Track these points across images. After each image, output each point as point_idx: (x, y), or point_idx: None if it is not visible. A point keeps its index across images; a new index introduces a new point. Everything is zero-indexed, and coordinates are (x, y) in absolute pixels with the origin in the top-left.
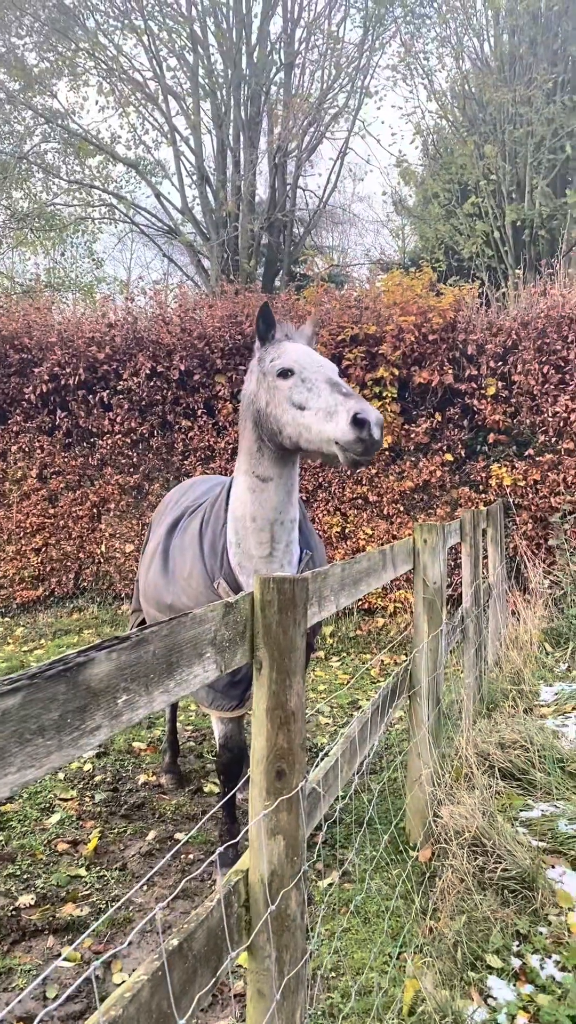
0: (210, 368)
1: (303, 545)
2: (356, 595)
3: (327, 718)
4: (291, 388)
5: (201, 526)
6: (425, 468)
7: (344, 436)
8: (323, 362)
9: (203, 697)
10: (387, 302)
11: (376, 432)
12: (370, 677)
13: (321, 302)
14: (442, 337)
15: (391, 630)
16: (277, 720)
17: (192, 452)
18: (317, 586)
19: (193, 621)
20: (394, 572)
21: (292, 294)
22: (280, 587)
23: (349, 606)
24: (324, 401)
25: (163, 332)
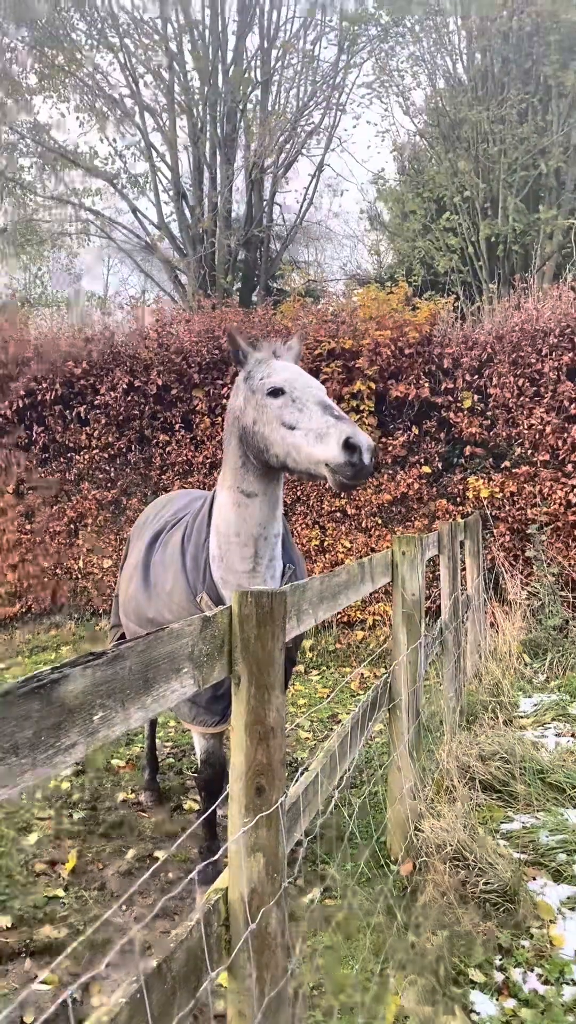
0: (187, 382)
1: (285, 560)
2: (335, 608)
3: (307, 732)
4: (281, 407)
5: (183, 540)
6: (403, 481)
7: (335, 459)
8: (313, 383)
9: (185, 713)
10: (363, 316)
11: (367, 457)
12: (350, 691)
13: (298, 317)
14: (418, 351)
15: (371, 643)
16: (256, 735)
17: (170, 467)
18: (296, 600)
19: (170, 636)
20: (373, 585)
21: (269, 309)
22: (258, 601)
23: (328, 619)
24: (315, 422)
25: (140, 347)
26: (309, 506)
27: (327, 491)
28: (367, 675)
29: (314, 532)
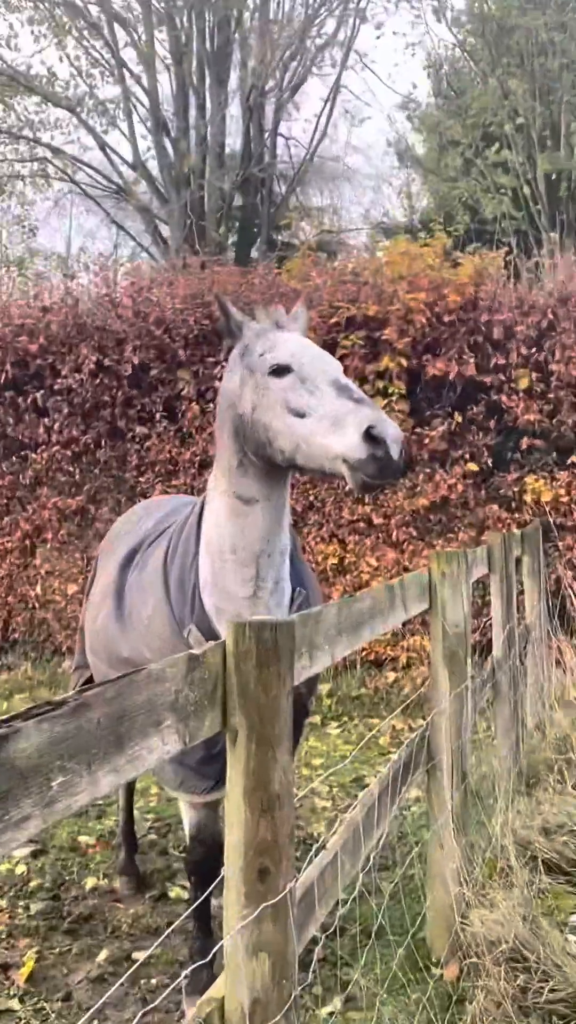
0: (171, 361)
1: (295, 582)
2: (357, 643)
3: (324, 800)
4: (287, 389)
5: (165, 559)
6: (443, 482)
7: (354, 453)
8: (327, 358)
9: (169, 777)
10: (392, 276)
11: (395, 450)
12: (378, 747)
13: (309, 277)
14: (461, 318)
15: (404, 687)
16: (258, 804)
17: (149, 467)
18: (307, 632)
19: (148, 680)
20: (405, 613)
21: (273, 267)
22: (259, 635)
23: (350, 657)
24: (330, 407)
25: (111, 317)
26: (324, 514)
27: (347, 494)
28: (400, 727)
29: (331, 547)
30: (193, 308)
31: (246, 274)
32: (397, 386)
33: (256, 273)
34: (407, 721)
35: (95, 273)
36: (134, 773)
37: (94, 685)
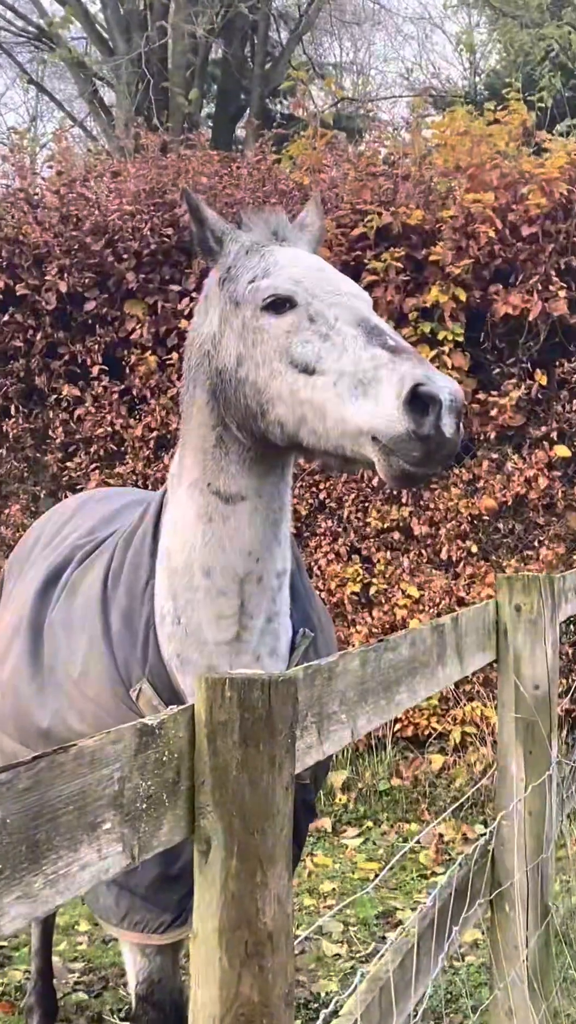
0: (116, 289)
1: (297, 619)
2: (389, 711)
3: (337, 943)
4: (290, 332)
5: (105, 583)
6: (518, 473)
7: (390, 427)
8: (347, 284)
9: (108, 906)
10: (445, 166)
11: (449, 424)
12: (417, 866)
13: (321, 167)
14: (547, 231)
15: (456, 776)
16: (240, 949)
17: (83, 445)
18: (315, 694)
19: (78, 762)
20: (460, 667)
21: (269, 151)
22: (244, 695)
23: (378, 732)
24: (352, 358)
25: (27, 223)
26: (341, 520)
27: (375, 489)
28: (450, 837)
29: (351, 568)
30: (149, 210)
31: (229, 161)
32: (451, 330)
33: (243, 160)
34: (461, 828)
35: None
36: (57, 900)
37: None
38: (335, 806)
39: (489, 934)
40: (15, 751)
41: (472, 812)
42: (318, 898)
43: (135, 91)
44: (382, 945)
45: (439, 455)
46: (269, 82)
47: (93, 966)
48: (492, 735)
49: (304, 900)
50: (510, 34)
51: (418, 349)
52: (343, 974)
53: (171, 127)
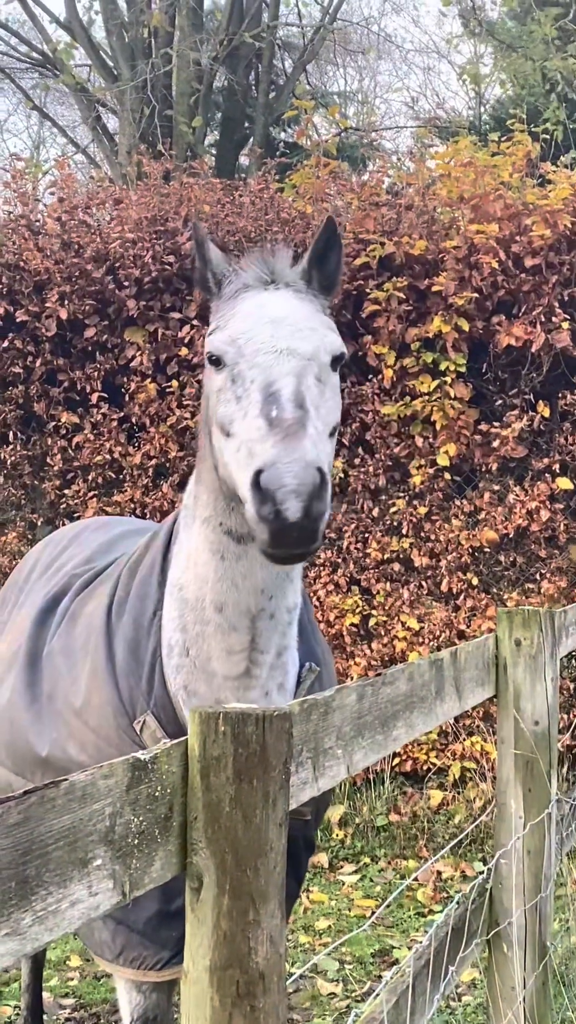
0: (117, 316)
1: (304, 653)
2: (387, 746)
3: (332, 982)
4: (220, 391)
5: (109, 612)
6: (519, 505)
7: (247, 509)
8: (286, 340)
9: (104, 942)
10: (449, 196)
11: (291, 508)
12: (415, 904)
13: (324, 196)
14: (551, 262)
15: (455, 813)
16: (232, 989)
17: (81, 472)
18: (311, 729)
19: (69, 796)
20: (459, 702)
21: (272, 180)
22: (238, 730)
23: (376, 767)
24: (245, 425)
25: (28, 248)
26: (341, 550)
27: (375, 520)
28: (448, 875)
29: (350, 600)
30: (151, 238)
31: (232, 189)
32: (453, 360)
33: (246, 189)
34: (459, 865)
35: (5, 184)
36: (46, 938)
37: None
38: (332, 841)
39: (487, 974)
40: (9, 782)
41: (471, 849)
42: (313, 935)
43: (139, 118)
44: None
45: (287, 539)
46: (273, 111)
47: (84, 1002)
48: (492, 771)
49: (299, 937)
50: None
51: (420, 379)
52: (338, 1013)
53: (174, 155)
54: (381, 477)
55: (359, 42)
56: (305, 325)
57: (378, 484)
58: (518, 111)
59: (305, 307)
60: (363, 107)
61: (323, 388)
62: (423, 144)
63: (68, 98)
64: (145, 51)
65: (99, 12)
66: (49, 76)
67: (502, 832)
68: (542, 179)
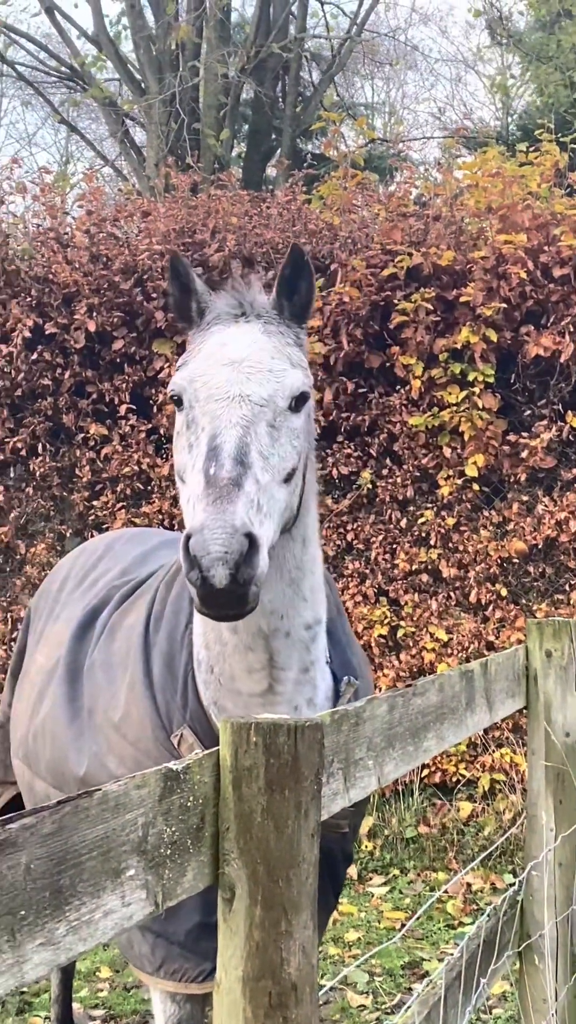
0: (145, 328)
1: (339, 667)
2: (417, 757)
3: (362, 994)
4: (179, 434)
5: (147, 626)
6: (548, 515)
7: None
8: (238, 384)
9: (143, 954)
10: (476, 206)
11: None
12: (445, 916)
13: (352, 207)
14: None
15: (485, 825)
16: (264, 1000)
17: (109, 484)
18: (342, 740)
19: (102, 807)
20: (489, 714)
21: (299, 191)
22: (270, 741)
23: (405, 778)
24: (192, 478)
25: (57, 261)
26: (369, 561)
27: (403, 531)
28: (478, 887)
29: (378, 611)
30: (179, 250)
31: (259, 201)
32: (481, 371)
33: (273, 200)
34: (489, 878)
35: (34, 197)
36: (79, 948)
37: (24, 812)
38: (361, 853)
39: (518, 986)
40: (47, 794)
41: (501, 861)
42: (343, 947)
43: (166, 131)
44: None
45: (216, 603)
46: (300, 122)
47: (114, 1013)
48: (522, 782)
49: (329, 949)
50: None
51: (448, 390)
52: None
53: (202, 167)
54: (409, 488)
55: (386, 53)
56: (264, 367)
57: (406, 495)
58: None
59: (272, 343)
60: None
61: (277, 434)
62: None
63: (96, 112)
64: (172, 64)
65: (127, 26)
66: (77, 90)
67: (533, 844)
68: (570, 189)
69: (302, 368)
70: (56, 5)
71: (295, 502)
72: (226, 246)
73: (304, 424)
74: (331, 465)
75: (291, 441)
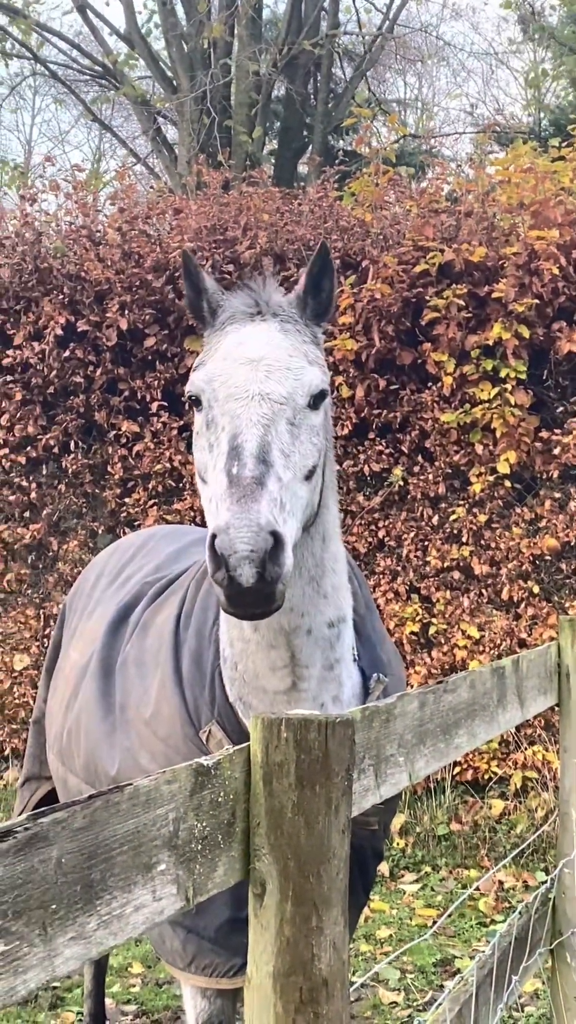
0: (177, 325)
1: (368, 664)
2: (448, 754)
3: (393, 991)
4: (198, 434)
5: (178, 623)
6: None
7: (207, 566)
8: (257, 383)
9: (175, 949)
10: (508, 201)
11: (244, 574)
12: (477, 914)
13: (383, 203)
14: None
15: (517, 823)
16: (295, 996)
17: (141, 481)
18: (373, 736)
19: (133, 801)
20: (521, 711)
21: (330, 188)
22: (301, 736)
23: (436, 775)
24: (214, 477)
25: (89, 258)
26: (400, 558)
27: (435, 528)
28: (510, 885)
29: (410, 608)
30: (211, 247)
31: (291, 198)
32: (513, 367)
33: (305, 197)
34: (521, 875)
35: (67, 195)
36: (110, 942)
37: (56, 807)
38: (393, 851)
39: (550, 984)
40: (80, 790)
41: (533, 859)
42: (374, 944)
43: (198, 129)
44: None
45: (243, 602)
46: (332, 119)
47: (146, 1009)
48: (554, 780)
49: (360, 946)
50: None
51: (480, 387)
52: (399, 1023)
53: (233, 164)
54: (441, 485)
55: (418, 49)
56: (283, 364)
57: (438, 492)
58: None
59: (289, 341)
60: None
61: (297, 432)
62: (482, 150)
63: (128, 110)
64: (204, 62)
65: (159, 24)
66: (109, 88)
67: (565, 842)
68: None
69: (320, 365)
70: (88, 3)
71: (315, 499)
72: (257, 243)
73: (323, 421)
74: (363, 462)
75: (311, 438)
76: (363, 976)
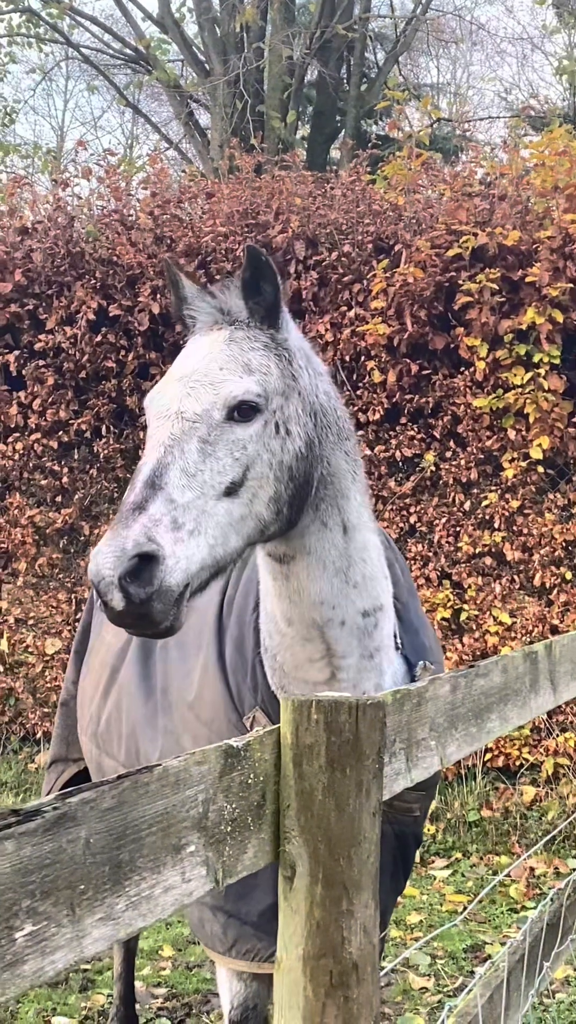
0: None
1: (411, 650)
2: (480, 738)
3: (424, 976)
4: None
5: (221, 608)
6: None
7: None
8: (178, 400)
9: (215, 933)
10: (542, 186)
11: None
12: (507, 900)
13: (416, 187)
14: None
15: (549, 809)
16: (325, 979)
17: None
18: (404, 720)
19: (162, 782)
20: (554, 696)
21: (363, 172)
22: (331, 718)
23: (467, 761)
24: None
25: (122, 244)
26: (432, 544)
27: (467, 514)
28: (541, 871)
29: (442, 594)
30: (243, 231)
31: (323, 182)
32: (547, 352)
33: (338, 181)
34: (552, 862)
35: (99, 180)
36: (139, 923)
37: (84, 786)
38: (424, 836)
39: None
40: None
41: (565, 846)
42: (405, 930)
43: (230, 113)
44: (470, 979)
45: (126, 623)
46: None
47: (176, 992)
48: None
49: (391, 931)
50: None
51: (513, 372)
52: (430, 1008)
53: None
54: (473, 470)
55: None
56: (208, 380)
57: (470, 477)
58: None
59: (228, 351)
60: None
61: (211, 449)
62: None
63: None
64: (237, 46)
65: (191, 8)
66: (142, 72)
67: None
68: None
69: (261, 374)
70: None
71: (262, 510)
72: (289, 227)
73: (258, 432)
74: (394, 447)
75: (231, 453)
76: (393, 961)
